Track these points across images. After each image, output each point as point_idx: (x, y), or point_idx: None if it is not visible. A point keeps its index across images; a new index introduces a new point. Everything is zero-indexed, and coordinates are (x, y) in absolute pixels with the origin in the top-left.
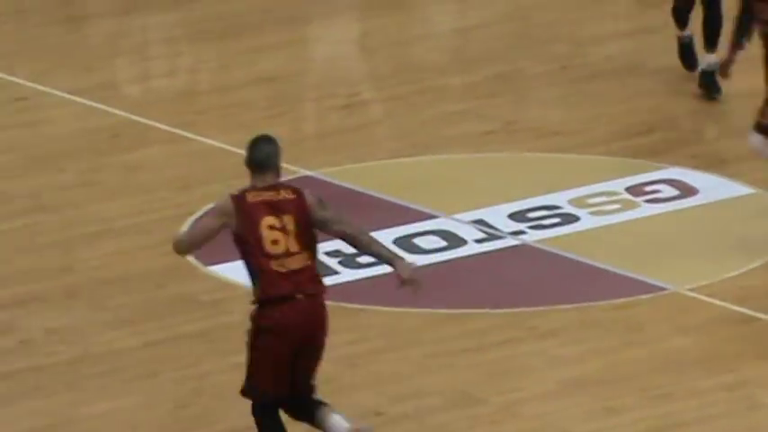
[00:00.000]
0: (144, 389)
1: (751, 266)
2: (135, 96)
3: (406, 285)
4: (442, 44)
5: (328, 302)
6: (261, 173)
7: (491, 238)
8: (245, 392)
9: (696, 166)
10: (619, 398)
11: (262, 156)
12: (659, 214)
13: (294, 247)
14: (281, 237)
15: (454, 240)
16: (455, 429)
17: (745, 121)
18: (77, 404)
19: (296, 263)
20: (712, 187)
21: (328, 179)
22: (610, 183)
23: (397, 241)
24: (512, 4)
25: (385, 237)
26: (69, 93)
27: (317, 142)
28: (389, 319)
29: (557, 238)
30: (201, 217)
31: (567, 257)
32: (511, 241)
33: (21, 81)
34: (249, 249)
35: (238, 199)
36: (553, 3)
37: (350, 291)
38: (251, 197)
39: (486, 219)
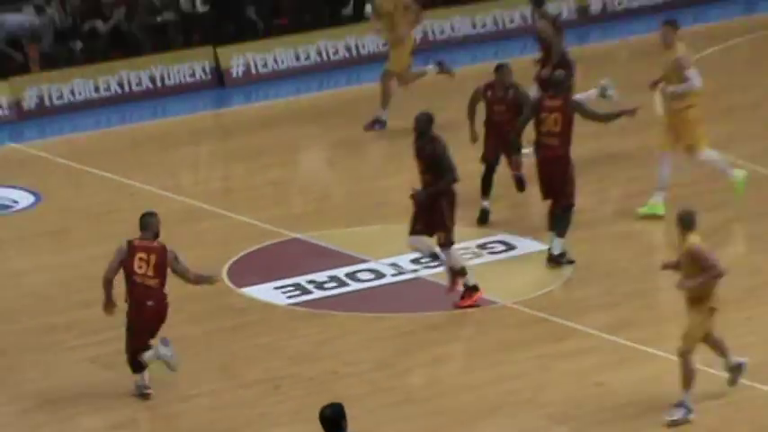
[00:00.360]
0: (199, 354)
1: (545, 290)
2: (196, 191)
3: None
4: (372, 166)
5: (303, 309)
6: (144, 230)
7: (401, 273)
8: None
9: (515, 232)
10: (469, 362)
11: (145, 223)
12: (495, 260)
13: (150, 272)
14: (144, 265)
15: (379, 274)
16: (379, 381)
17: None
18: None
19: (150, 281)
20: (524, 245)
21: (308, 239)
22: (467, 242)
23: (347, 275)
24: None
25: (340, 272)
26: (161, 189)
27: (302, 219)
28: (342, 319)
29: (438, 273)
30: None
31: (443, 284)
32: (412, 275)
33: (133, 183)
34: (126, 269)
35: (129, 242)
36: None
37: (319, 303)
38: (136, 242)
39: (398, 262)
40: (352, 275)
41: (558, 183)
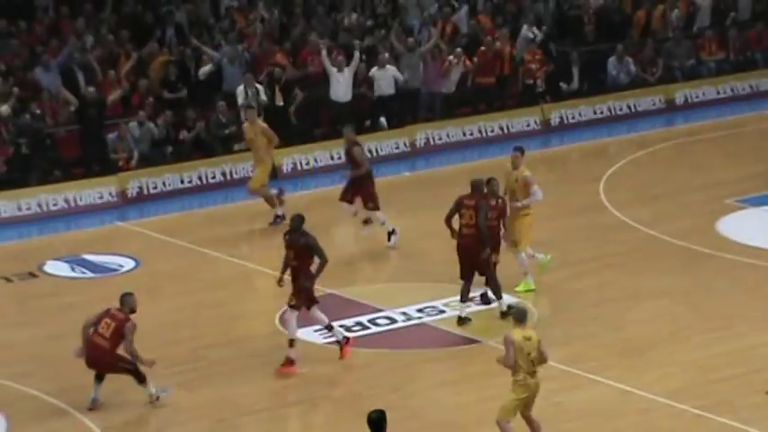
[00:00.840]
0: (258, 380)
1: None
2: (254, 257)
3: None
4: (384, 237)
5: (335, 347)
6: (122, 305)
7: (409, 319)
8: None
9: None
10: (460, 386)
11: (123, 300)
12: (478, 310)
13: (108, 333)
14: (106, 327)
15: (392, 321)
16: (392, 401)
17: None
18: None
19: (103, 341)
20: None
21: (339, 294)
22: (453, 297)
23: (369, 321)
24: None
25: (363, 318)
26: (228, 256)
27: (334, 278)
28: (364, 354)
29: (436, 320)
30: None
31: (439, 328)
32: (417, 321)
33: (208, 251)
34: (96, 324)
35: (107, 309)
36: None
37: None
38: (111, 311)
39: (407, 311)
40: (372, 321)
41: (477, 262)
